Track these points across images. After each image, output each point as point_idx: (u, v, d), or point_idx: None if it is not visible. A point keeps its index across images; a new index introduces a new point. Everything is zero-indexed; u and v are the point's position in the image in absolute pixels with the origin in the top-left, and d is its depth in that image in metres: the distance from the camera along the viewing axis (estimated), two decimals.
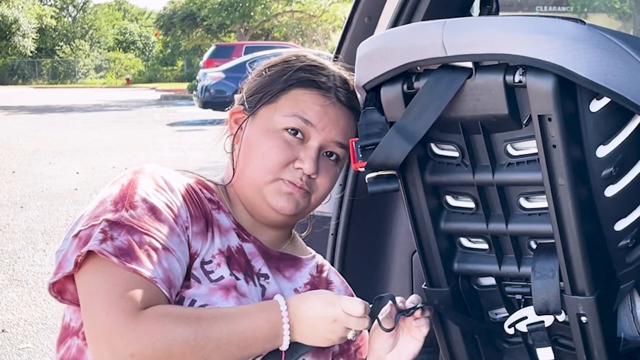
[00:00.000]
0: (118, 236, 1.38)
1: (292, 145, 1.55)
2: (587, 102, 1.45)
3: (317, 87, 1.58)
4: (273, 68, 1.62)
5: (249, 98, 1.61)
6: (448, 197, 1.65)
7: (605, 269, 1.56)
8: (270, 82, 1.59)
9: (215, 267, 1.48)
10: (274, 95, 1.58)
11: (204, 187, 1.58)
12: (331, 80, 1.60)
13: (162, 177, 1.49)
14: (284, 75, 1.59)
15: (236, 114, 1.63)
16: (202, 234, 1.49)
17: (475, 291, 1.72)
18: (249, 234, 1.58)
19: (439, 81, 1.49)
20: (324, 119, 1.57)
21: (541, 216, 1.55)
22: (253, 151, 1.56)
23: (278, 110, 1.57)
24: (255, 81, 1.63)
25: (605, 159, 1.47)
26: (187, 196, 1.51)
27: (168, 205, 1.45)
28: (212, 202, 1.57)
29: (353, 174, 2.20)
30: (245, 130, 1.59)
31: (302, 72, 1.59)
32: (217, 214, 1.56)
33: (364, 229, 2.26)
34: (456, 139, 1.56)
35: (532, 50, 1.40)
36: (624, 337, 1.63)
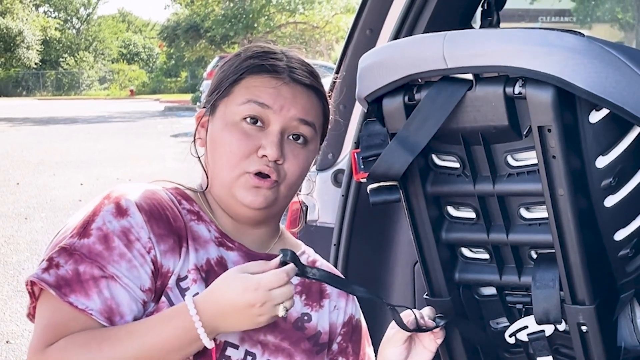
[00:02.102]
0: (64, 264, 1.38)
1: (252, 135, 1.49)
2: (586, 114, 1.46)
3: (267, 71, 1.52)
4: (226, 63, 1.58)
5: (207, 98, 1.57)
6: (449, 208, 1.66)
7: (605, 279, 1.57)
8: (223, 77, 1.55)
9: (190, 283, 1.45)
10: (226, 87, 1.53)
11: (183, 197, 1.54)
12: (283, 61, 1.55)
13: (126, 200, 1.45)
14: (234, 66, 1.55)
15: (201, 117, 1.58)
16: (172, 251, 1.45)
17: (477, 301, 1.73)
18: (233, 241, 1.54)
19: (440, 93, 1.51)
20: (280, 99, 1.50)
21: (541, 226, 1.56)
22: (217, 150, 1.52)
23: (233, 102, 1.52)
24: (213, 81, 1.59)
25: (605, 170, 1.48)
26: (153, 215, 1.46)
27: (124, 231, 1.42)
28: (192, 212, 1.53)
29: (355, 185, 2.21)
30: (209, 129, 1.55)
31: (250, 60, 1.54)
32: (197, 225, 1.51)
33: (366, 240, 2.27)
34: (457, 150, 1.57)
35: (532, 62, 1.42)
36: (624, 346, 1.63)
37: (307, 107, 1.53)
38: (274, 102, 1.50)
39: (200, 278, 1.45)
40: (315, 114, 1.54)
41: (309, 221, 2.34)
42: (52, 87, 46.69)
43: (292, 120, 1.51)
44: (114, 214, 1.43)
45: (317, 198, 2.33)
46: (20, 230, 8.21)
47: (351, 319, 1.67)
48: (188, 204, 1.53)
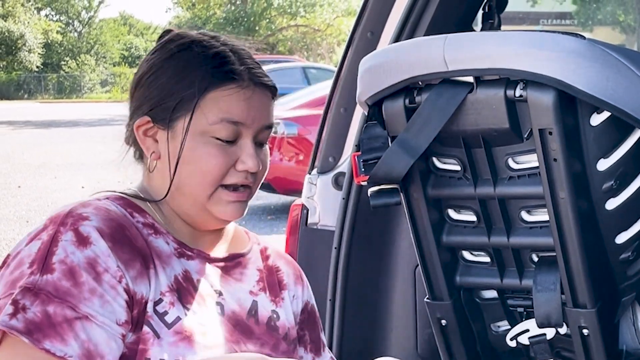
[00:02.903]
0: (31, 306, 1.26)
1: (227, 150, 1.42)
2: (587, 116, 1.46)
3: (231, 80, 1.42)
4: (171, 69, 1.43)
5: (155, 108, 1.43)
6: (450, 211, 1.66)
7: (606, 282, 1.56)
8: (177, 89, 1.42)
9: (168, 306, 1.37)
10: (187, 102, 1.41)
11: (134, 210, 1.43)
12: (238, 63, 1.44)
13: (85, 226, 1.34)
14: (189, 77, 1.42)
15: (144, 126, 1.44)
16: (142, 275, 1.36)
17: (478, 304, 1.73)
18: (191, 248, 1.46)
19: (441, 96, 1.50)
20: (251, 112, 1.43)
21: (542, 229, 1.56)
22: (188, 167, 1.42)
23: (201, 118, 1.41)
24: (153, 87, 1.44)
25: (606, 173, 1.48)
26: (116, 239, 1.35)
27: (90, 263, 1.31)
28: (147, 225, 1.43)
29: (356, 187, 2.21)
30: (169, 144, 1.43)
31: (209, 70, 1.42)
32: (155, 239, 1.42)
33: (367, 243, 2.27)
34: (458, 152, 1.57)
35: (533, 65, 1.42)
36: (625, 349, 1.63)
37: (270, 111, 1.48)
38: (247, 117, 1.43)
39: (176, 299, 1.38)
40: (273, 114, 1.49)
41: (310, 224, 2.34)
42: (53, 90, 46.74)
43: (262, 129, 1.46)
44: (75, 243, 1.31)
45: (318, 201, 2.33)
46: (22, 233, 8.21)
47: (307, 306, 1.63)
48: (141, 217, 1.43)
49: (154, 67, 1.45)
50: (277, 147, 9.25)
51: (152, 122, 1.44)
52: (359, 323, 2.27)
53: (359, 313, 2.27)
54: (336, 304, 2.24)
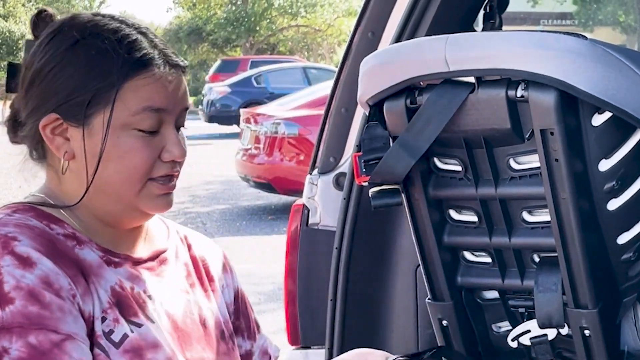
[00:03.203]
0: (11, 345, 1.15)
1: (151, 141, 1.31)
2: (589, 117, 1.46)
3: (148, 66, 1.31)
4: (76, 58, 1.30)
5: (64, 104, 1.30)
6: (451, 211, 1.65)
7: (608, 283, 1.56)
8: (88, 81, 1.29)
9: (112, 324, 1.27)
10: (102, 95, 1.29)
11: (49, 220, 1.31)
12: (150, 45, 1.33)
13: (18, 246, 1.22)
14: (102, 67, 1.29)
15: (51, 124, 1.31)
16: (86, 292, 1.26)
17: (479, 304, 1.72)
18: (117, 254, 1.34)
19: (442, 96, 1.50)
20: (172, 96, 1.33)
21: (544, 230, 1.56)
22: (113, 165, 1.30)
23: (121, 110, 1.30)
24: (59, 80, 1.30)
25: (608, 173, 1.48)
26: (54, 254, 1.24)
27: (45, 282, 1.20)
28: (68, 237, 1.30)
29: (357, 188, 2.21)
30: (85, 142, 1.30)
31: (123, 57, 1.30)
32: (81, 250, 1.30)
33: (368, 243, 2.27)
34: (459, 153, 1.57)
35: (535, 65, 1.42)
36: (627, 350, 1.63)
37: (186, 92, 1.38)
38: (169, 102, 1.33)
39: (118, 314, 1.28)
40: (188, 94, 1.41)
41: (311, 224, 2.34)
42: None
43: (182, 113, 1.36)
44: (19, 266, 1.19)
45: (319, 201, 2.33)
46: None
47: (238, 292, 1.54)
48: (59, 227, 1.30)
49: (54, 58, 1.30)
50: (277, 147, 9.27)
51: (61, 119, 1.30)
52: (359, 323, 2.27)
53: (359, 313, 2.27)
54: (337, 304, 2.24)
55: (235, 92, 19.38)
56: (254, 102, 17.31)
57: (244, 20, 34.23)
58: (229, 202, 10.46)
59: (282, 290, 2.41)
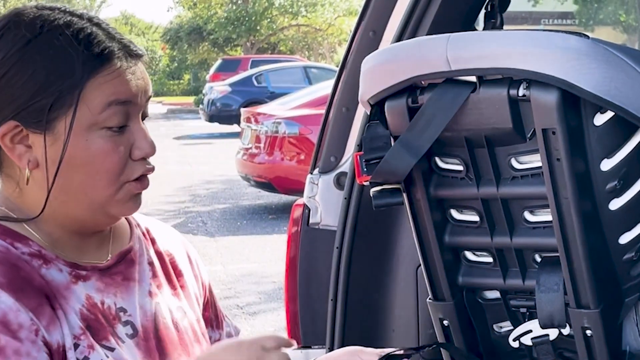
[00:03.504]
0: None
1: (119, 139, 1.23)
2: (591, 116, 1.45)
3: (108, 60, 1.22)
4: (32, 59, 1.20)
5: (23, 110, 1.20)
6: (452, 211, 1.65)
7: (610, 283, 1.56)
8: (48, 84, 1.20)
9: (87, 351, 1.19)
10: (65, 97, 1.20)
11: (13, 238, 1.21)
12: (108, 38, 1.25)
13: None
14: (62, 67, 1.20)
15: (10, 133, 1.20)
16: (52, 321, 1.18)
17: (480, 304, 1.72)
18: (83, 266, 1.26)
19: (443, 95, 1.50)
20: (137, 87, 1.25)
21: (545, 229, 1.56)
22: (83, 170, 1.22)
23: (84, 111, 1.21)
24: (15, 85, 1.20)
25: (610, 173, 1.48)
26: (15, 286, 1.16)
27: (2, 322, 1.13)
28: (34, 256, 1.21)
29: (357, 187, 2.20)
30: (47, 149, 1.21)
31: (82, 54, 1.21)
32: (47, 270, 1.21)
33: (369, 243, 2.26)
34: (460, 152, 1.56)
35: (536, 64, 1.41)
36: (629, 350, 1.63)
37: (148, 80, 1.29)
38: (134, 94, 1.24)
39: (92, 339, 1.21)
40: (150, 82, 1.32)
41: (312, 224, 2.33)
42: None
43: (146, 103, 1.28)
44: None
45: (320, 201, 2.32)
46: None
47: (204, 285, 1.47)
48: (24, 246, 1.21)
49: (7, 61, 1.20)
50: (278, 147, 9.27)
51: (21, 127, 1.20)
52: (360, 323, 2.26)
53: (360, 313, 2.27)
54: (338, 304, 2.23)
55: (236, 91, 19.38)
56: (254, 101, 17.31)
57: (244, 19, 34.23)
58: (229, 201, 10.46)
59: (283, 290, 2.41)
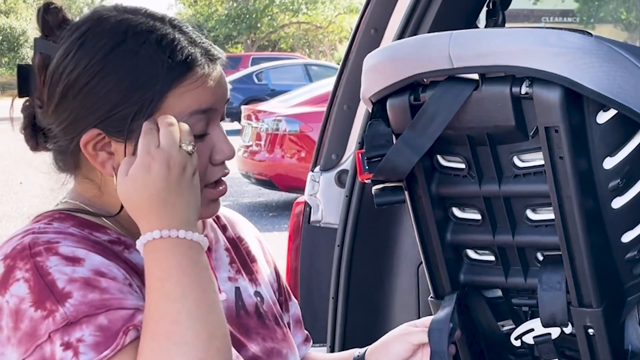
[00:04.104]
0: (82, 333, 1.09)
1: (200, 145, 1.23)
2: (594, 114, 1.45)
3: (191, 68, 1.21)
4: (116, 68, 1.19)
5: (107, 119, 1.19)
6: (454, 209, 1.64)
7: (612, 281, 1.55)
8: (131, 93, 1.18)
9: None
10: (148, 106, 1.19)
11: (91, 228, 1.23)
12: (190, 44, 1.23)
13: (62, 247, 1.15)
14: (145, 76, 1.19)
15: (93, 140, 1.21)
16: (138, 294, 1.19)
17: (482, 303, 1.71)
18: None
19: (446, 93, 1.49)
20: (217, 93, 1.25)
21: (548, 228, 1.55)
22: None
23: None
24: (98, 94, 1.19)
25: (612, 171, 1.47)
26: (101, 251, 1.18)
27: (97, 272, 1.14)
28: (115, 242, 1.23)
29: (359, 185, 2.20)
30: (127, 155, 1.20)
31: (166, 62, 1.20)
32: (130, 254, 1.23)
33: (370, 241, 2.26)
34: (462, 150, 1.56)
35: (539, 62, 1.41)
36: (631, 349, 1.62)
37: (227, 81, 1.29)
38: (216, 101, 1.24)
39: None
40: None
41: (313, 222, 2.33)
42: None
43: (224, 107, 1.29)
44: (68, 263, 1.13)
45: (321, 198, 2.32)
46: None
47: (275, 267, 1.48)
48: (102, 234, 1.23)
49: (90, 68, 1.19)
50: (278, 144, 9.26)
51: (103, 134, 1.20)
52: (361, 321, 2.26)
53: (361, 311, 2.26)
54: (339, 302, 2.23)
55: (236, 88, 19.36)
56: (255, 99, 17.31)
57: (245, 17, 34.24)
58: (229, 199, 10.46)
59: None
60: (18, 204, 9.64)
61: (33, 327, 1.10)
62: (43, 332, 1.09)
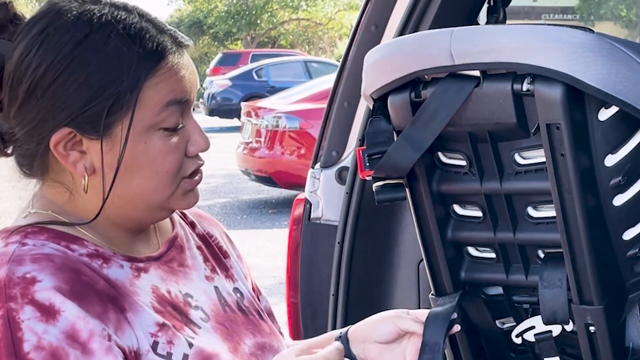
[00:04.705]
0: None
1: (176, 138, 1.19)
2: (595, 111, 1.44)
3: (163, 57, 1.17)
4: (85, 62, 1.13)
5: (79, 116, 1.13)
6: (455, 206, 1.64)
7: (613, 279, 1.55)
8: (105, 87, 1.13)
9: (167, 346, 1.15)
10: (121, 100, 1.14)
11: (68, 241, 1.16)
12: (158, 32, 1.19)
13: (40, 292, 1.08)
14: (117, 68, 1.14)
15: (64, 140, 1.15)
16: (120, 325, 1.13)
17: (483, 300, 1.71)
18: (140, 259, 1.23)
19: (447, 90, 1.49)
20: (190, 82, 1.20)
21: (549, 225, 1.55)
22: (141, 173, 1.17)
23: (143, 113, 1.15)
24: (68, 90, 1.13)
25: (614, 168, 1.47)
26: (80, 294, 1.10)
27: (70, 335, 1.07)
28: (93, 256, 1.17)
29: (359, 182, 2.19)
30: (105, 154, 1.15)
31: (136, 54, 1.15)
32: (108, 269, 1.17)
33: (370, 238, 2.26)
34: (463, 147, 1.55)
35: (541, 59, 1.40)
36: (632, 347, 1.62)
37: (195, 69, 1.25)
38: (189, 89, 1.20)
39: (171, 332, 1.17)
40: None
41: (313, 219, 2.32)
42: None
43: (195, 92, 1.24)
44: (41, 319, 1.06)
45: (321, 195, 2.31)
46: None
47: (243, 262, 1.44)
48: (80, 247, 1.17)
49: (56, 64, 1.12)
50: (278, 141, 9.26)
51: (75, 133, 1.14)
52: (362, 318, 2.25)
53: (361, 308, 2.26)
54: (339, 299, 2.23)
55: (236, 85, 19.36)
56: (254, 95, 17.30)
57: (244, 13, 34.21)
58: (229, 195, 10.45)
59: (284, 285, 2.40)
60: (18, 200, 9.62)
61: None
62: None
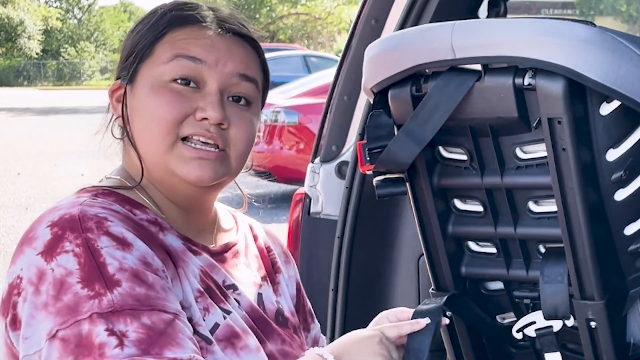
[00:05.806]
0: (127, 327, 1.11)
1: (185, 96, 1.26)
2: (597, 105, 1.43)
3: (193, 22, 1.29)
4: (139, 25, 1.33)
5: (122, 67, 1.32)
6: (456, 201, 1.63)
7: (614, 274, 1.54)
8: (139, 38, 1.30)
9: (203, 312, 1.25)
10: (146, 48, 1.28)
11: (132, 205, 1.27)
12: (209, 13, 1.32)
13: (112, 227, 1.18)
14: (151, 23, 1.31)
15: (116, 92, 1.32)
16: (175, 277, 1.24)
17: (483, 295, 1.71)
18: (195, 243, 1.32)
19: (448, 84, 1.48)
20: (213, 51, 1.27)
21: (550, 220, 1.54)
22: (141, 120, 1.27)
23: (156, 62, 1.27)
24: (124, 46, 1.33)
25: (615, 163, 1.46)
26: (143, 237, 1.22)
27: (144, 263, 1.18)
28: (152, 223, 1.27)
29: (359, 177, 2.19)
30: (128, 103, 1.29)
31: (171, 13, 1.30)
32: (164, 236, 1.27)
33: (370, 232, 2.25)
34: (464, 142, 1.55)
35: (543, 53, 1.39)
36: (633, 342, 1.61)
37: (246, 61, 1.31)
38: (208, 55, 1.27)
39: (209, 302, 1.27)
40: (255, 69, 1.33)
41: (313, 213, 2.32)
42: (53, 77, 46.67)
43: (232, 77, 1.28)
44: (117, 247, 1.17)
45: (321, 190, 2.31)
46: (21, 220, 8.20)
47: (299, 285, 1.53)
48: (142, 213, 1.27)
49: (133, 30, 1.34)
50: (277, 136, 9.25)
51: (121, 85, 1.32)
52: (361, 313, 2.25)
53: (361, 303, 2.26)
54: (339, 293, 2.22)
55: None
56: None
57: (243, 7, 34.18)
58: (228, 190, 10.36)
59: None
60: (16, 195, 9.63)
61: (76, 303, 1.12)
62: (86, 310, 1.11)
